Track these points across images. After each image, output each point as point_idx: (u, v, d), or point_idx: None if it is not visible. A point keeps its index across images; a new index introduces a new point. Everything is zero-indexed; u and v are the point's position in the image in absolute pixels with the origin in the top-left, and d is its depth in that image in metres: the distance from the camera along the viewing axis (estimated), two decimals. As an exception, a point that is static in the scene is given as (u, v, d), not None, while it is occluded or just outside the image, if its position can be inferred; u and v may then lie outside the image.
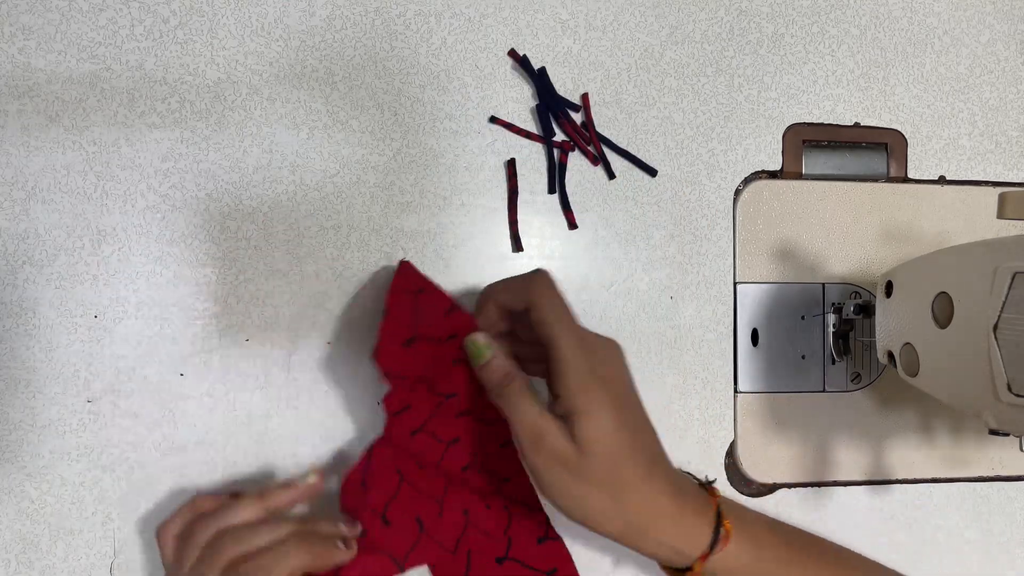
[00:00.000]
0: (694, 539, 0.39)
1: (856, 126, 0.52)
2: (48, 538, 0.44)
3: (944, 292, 0.40)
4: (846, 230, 0.51)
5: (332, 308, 0.46)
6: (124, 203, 0.44)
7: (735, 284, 0.50)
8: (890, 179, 0.52)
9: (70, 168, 0.44)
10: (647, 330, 0.49)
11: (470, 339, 0.41)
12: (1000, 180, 0.53)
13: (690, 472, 0.45)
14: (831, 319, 0.51)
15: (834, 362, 0.51)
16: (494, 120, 0.47)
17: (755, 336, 0.50)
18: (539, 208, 0.48)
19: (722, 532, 0.40)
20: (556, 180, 0.48)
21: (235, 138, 0.45)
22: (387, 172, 0.47)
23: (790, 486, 0.50)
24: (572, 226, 0.48)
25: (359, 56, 0.47)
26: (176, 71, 0.45)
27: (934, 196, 0.52)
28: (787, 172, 0.51)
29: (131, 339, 0.44)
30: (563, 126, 0.48)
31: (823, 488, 0.51)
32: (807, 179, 0.51)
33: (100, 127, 0.44)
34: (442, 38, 0.47)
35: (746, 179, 0.51)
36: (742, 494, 0.50)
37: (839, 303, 0.51)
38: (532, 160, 0.48)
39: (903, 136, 0.52)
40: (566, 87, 0.48)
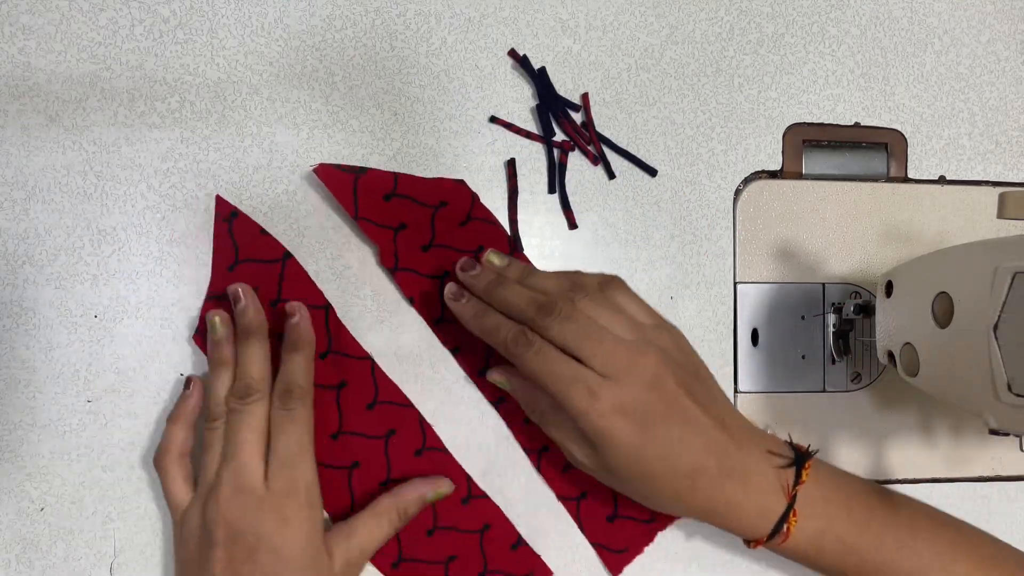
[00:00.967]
0: (754, 529, 0.41)
1: (856, 126, 0.52)
2: (48, 538, 0.44)
3: (944, 292, 0.40)
4: (846, 230, 0.51)
5: (332, 308, 0.46)
6: (124, 203, 0.44)
7: (735, 284, 0.50)
8: (890, 179, 0.52)
9: (70, 168, 0.44)
10: (647, 330, 0.49)
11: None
12: (1000, 180, 0.53)
13: (787, 444, 0.44)
14: (831, 319, 0.51)
15: (834, 362, 0.51)
16: (494, 120, 0.47)
17: (755, 336, 0.50)
18: (539, 208, 0.48)
19: (784, 527, 0.41)
20: (556, 180, 0.48)
21: (235, 138, 0.45)
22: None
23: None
24: (572, 226, 0.48)
25: (359, 56, 0.47)
26: (176, 71, 0.45)
27: (934, 196, 0.52)
28: (787, 172, 0.51)
29: (131, 339, 0.44)
30: (563, 126, 0.48)
31: (823, 488, 0.51)
32: (807, 179, 0.51)
33: (100, 127, 0.44)
34: (442, 38, 0.47)
35: (746, 179, 0.51)
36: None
37: (839, 303, 0.51)
38: (532, 160, 0.48)
39: (903, 136, 0.52)
40: (566, 87, 0.48)
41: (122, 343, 0.44)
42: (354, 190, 0.45)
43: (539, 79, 0.48)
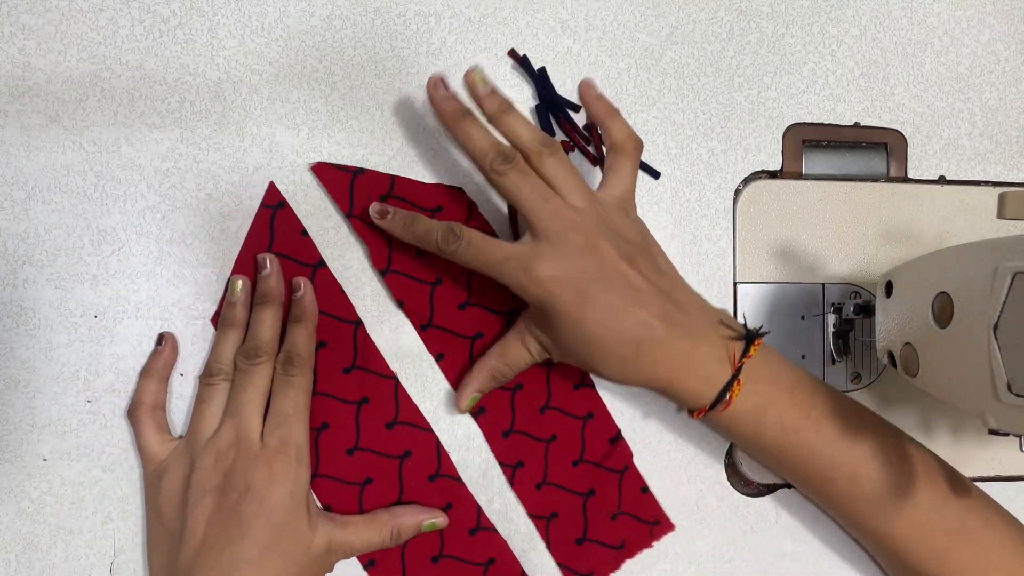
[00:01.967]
0: (697, 397, 0.42)
1: (856, 126, 0.52)
2: (48, 538, 0.44)
3: (944, 292, 0.40)
4: (846, 230, 0.51)
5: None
6: (124, 203, 0.44)
7: (735, 284, 0.50)
8: (890, 179, 0.52)
9: (70, 168, 0.44)
10: (647, 330, 0.49)
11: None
12: (1000, 180, 0.53)
13: (738, 322, 0.44)
14: (831, 319, 0.51)
15: (834, 362, 0.51)
16: None
17: (755, 336, 0.50)
18: (539, 208, 0.48)
19: (727, 396, 0.42)
20: None
21: (235, 138, 0.45)
22: (387, 172, 0.47)
23: (790, 486, 0.50)
24: None
25: (359, 56, 0.47)
26: (176, 71, 0.45)
27: (934, 196, 0.52)
28: (787, 172, 0.51)
29: (131, 339, 0.44)
30: (563, 126, 0.48)
31: (823, 488, 0.51)
32: (807, 179, 0.51)
33: (100, 127, 0.44)
34: (442, 38, 0.47)
35: (746, 179, 0.51)
36: (742, 494, 0.50)
37: (839, 303, 0.51)
38: (532, 160, 0.48)
39: (903, 136, 0.52)
40: (566, 87, 0.48)
41: (122, 343, 0.44)
42: (350, 189, 0.45)
43: (539, 79, 0.48)
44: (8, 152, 0.43)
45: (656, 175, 0.49)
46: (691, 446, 0.49)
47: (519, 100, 0.48)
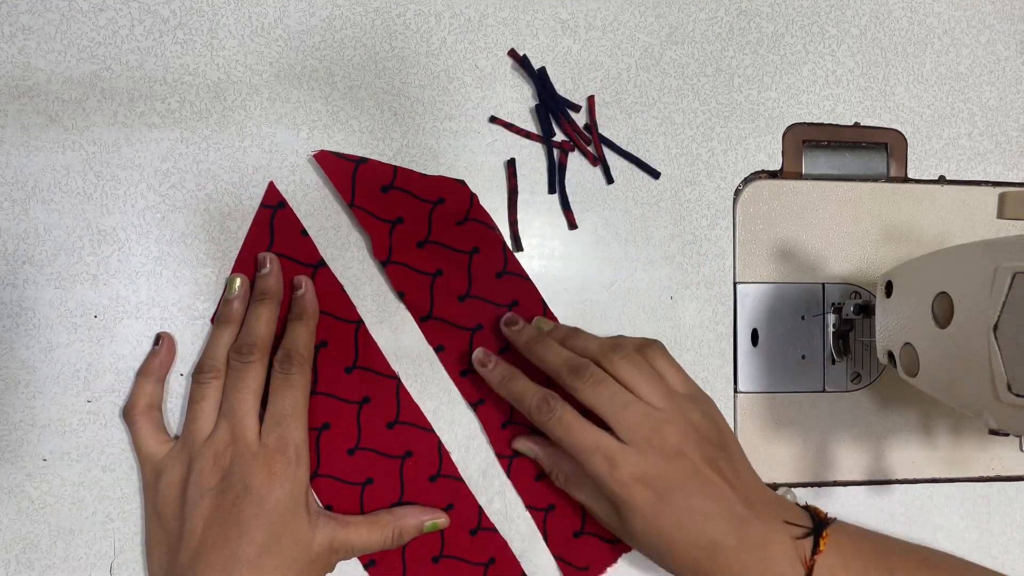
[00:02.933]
0: None
1: (856, 126, 0.52)
2: (48, 538, 0.44)
3: (944, 292, 0.40)
4: (846, 230, 0.51)
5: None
6: (124, 203, 0.44)
7: (735, 284, 0.50)
8: (890, 179, 0.52)
9: (70, 168, 0.44)
10: (647, 330, 0.49)
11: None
12: (1000, 180, 0.53)
13: (805, 510, 0.44)
14: (831, 319, 0.51)
15: (834, 362, 0.51)
16: (494, 120, 0.47)
17: (755, 336, 0.50)
18: (539, 208, 0.48)
19: None
20: (556, 180, 0.48)
21: (235, 138, 0.45)
22: (387, 172, 0.47)
23: (790, 486, 0.50)
24: (572, 226, 0.48)
25: (359, 56, 0.47)
26: (176, 71, 0.45)
27: (934, 196, 0.52)
28: (787, 172, 0.51)
29: (131, 339, 0.44)
30: (563, 126, 0.48)
31: (823, 488, 0.51)
32: (807, 179, 0.51)
33: (100, 127, 0.44)
34: (442, 38, 0.47)
35: (746, 179, 0.51)
36: None
37: (839, 303, 0.51)
38: (532, 160, 0.48)
39: (903, 136, 0.52)
40: (566, 87, 0.48)
41: (122, 343, 0.44)
42: (353, 178, 0.45)
43: (539, 79, 0.48)
44: (8, 152, 0.43)
45: (656, 175, 0.49)
46: (691, 446, 0.49)
47: (519, 100, 0.48)
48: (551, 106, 0.48)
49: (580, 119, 0.49)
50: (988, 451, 0.52)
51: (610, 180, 0.49)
